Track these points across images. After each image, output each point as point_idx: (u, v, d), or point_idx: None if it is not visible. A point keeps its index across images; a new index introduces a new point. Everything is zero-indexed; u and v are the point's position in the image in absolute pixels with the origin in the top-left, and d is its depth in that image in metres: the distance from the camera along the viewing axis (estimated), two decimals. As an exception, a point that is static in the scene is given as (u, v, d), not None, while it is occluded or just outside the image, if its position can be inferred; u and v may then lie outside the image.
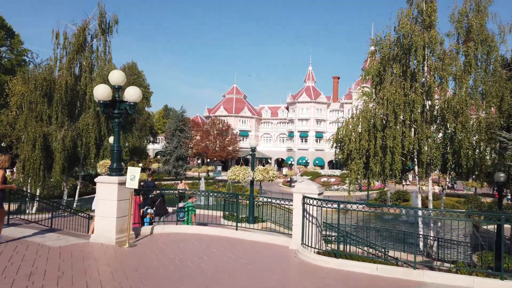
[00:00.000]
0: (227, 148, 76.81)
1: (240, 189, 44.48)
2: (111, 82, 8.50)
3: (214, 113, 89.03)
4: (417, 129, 15.64)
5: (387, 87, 15.34)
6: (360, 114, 15.94)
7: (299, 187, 8.68)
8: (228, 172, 15.86)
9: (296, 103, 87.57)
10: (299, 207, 8.59)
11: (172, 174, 55.35)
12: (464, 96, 14.46)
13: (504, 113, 14.83)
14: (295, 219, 8.70)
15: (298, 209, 8.62)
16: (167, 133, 58.15)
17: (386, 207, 8.10)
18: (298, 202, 8.60)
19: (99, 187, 8.36)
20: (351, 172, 16.09)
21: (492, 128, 14.09)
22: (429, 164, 15.35)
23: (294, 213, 8.73)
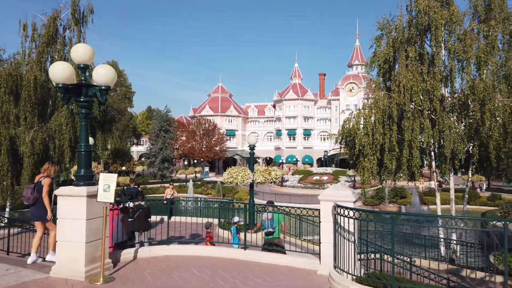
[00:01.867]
0: (214, 148, 74.47)
1: (230, 191, 42.33)
2: (74, 60, 6.33)
3: (199, 112, 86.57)
4: (436, 120, 13.83)
5: (403, 72, 13.47)
6: (373, 103, 14.03)
7: (329, 193, 6.65)
8: (224, 174, 13.76)
9: (283, 101, 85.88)
10: (328, 219, 6.58)
11: (158, 177, 52.79)
12: (491, 80, 12.69)
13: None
14: (323, 235, 6.67)
15: (327, 222, 6.60)
16: (152, 134, 55.53)
17: (444, 217, 6.06)
18: (328, 212, 6.59)
19: (62, 202, 6.18)
20: (364, 170, 14.17)
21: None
22: (451, 158, 13.58)
23: (322, 227, 6.71)
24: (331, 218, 6.54)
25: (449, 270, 12.83)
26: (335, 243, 6.39)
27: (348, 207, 6.13)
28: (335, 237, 6.39)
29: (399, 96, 13.33)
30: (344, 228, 6.25)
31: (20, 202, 29.18)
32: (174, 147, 60.66)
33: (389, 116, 13.82)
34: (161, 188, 46.09)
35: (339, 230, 6.31)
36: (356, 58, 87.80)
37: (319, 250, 6.91)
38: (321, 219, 6.68)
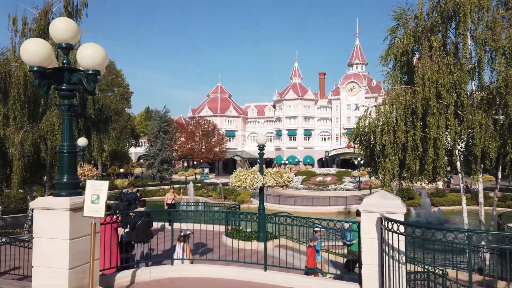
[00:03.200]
0: (213, 149, 73.18)
1: (232, 193, 41.03)
2: (54, 38, 5.08)
3: (198, 113, 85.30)
4: (464, 116, 12.58)
5: (428, 64, 12.21)
6: (394, 98, 12.75)
7: (372, 202, 5.36)
8: (231, 177, 12.47)
9: (283, 101, 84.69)
10: (372, 235, 5.31)
11: (157, 178, 51.44)
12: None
13: None
14: (366, 254, 5.39)
15: (370, 239, 5.32)
16: (150, 135, 54.17)
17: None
18: (371, 226, 5.32)
19: (38, 217, 4.91)
20: (386, 172, 12.89)
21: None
22: (481, 158, 12.33)
23: (363, 245, 5.42)
24: (375, 233, 5.26)
25: (482, 282, 11.55)
26: (381, 265, 5.12)
27: (399, 221, 4.86)
28: (382, 257, 5.11)
29: (424, 90, 12.08)
30: (393, 246, 4.97)
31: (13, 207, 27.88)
32: (173, 148, 59.34)
33: (412, 112, 12.55)
34: (160, 191, 44.74)
35: (386, 249, 5.04)
36: (356, 57, 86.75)
37: (358, 273, 5.64)
38: (362, 235, 5.40)
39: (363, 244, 5.39)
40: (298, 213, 32.27)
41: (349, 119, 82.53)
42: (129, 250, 10.26)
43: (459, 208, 38.01)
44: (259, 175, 12.15)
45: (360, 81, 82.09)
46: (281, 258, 9.31)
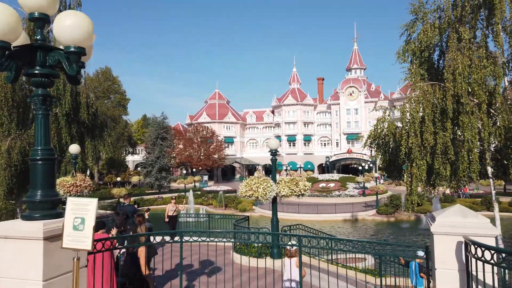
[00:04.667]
0: (212, 156, 71.79)
1: (233, 201, 39.60)
2: (24, 6, 3.77)
3: (196, 120, 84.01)
4: (499, 115, 11.36)
5: (459, 57, 10.99)
6: (421, 96, 11.50)
7: (451, 221, 4.04)
8: (241, 186, 11.12)
9: (282, 106, 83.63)
10: (451, 265, 3.98)
11: (155, 187, 49.93)
12: None
13: None
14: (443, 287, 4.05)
15: (449, 270, 3.99)
16: (148, 142, 52.75)
17: None
18: (449, 253, 3.99)
19: (1, 247, 3.56)
20: (413, 177, 11.60)
21: None
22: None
23: (438, 278, 4.08)
24: (456, 263, 3.94)
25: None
26: (467, 307, 3.80)
27: (499, 248, 3.54)
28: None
29: (455, 86, 10.86)
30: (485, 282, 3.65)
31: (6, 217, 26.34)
32: (171, 156, 57.91)
33: (441, 112, 11.33)
34: (159, 199, 43.27)
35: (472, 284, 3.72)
36: (354, 62, 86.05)
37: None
38: (437, 265, 4.07)
39: (437, 278, 4.06)
40: (303, 221, 30.86)
41: (349, 124, 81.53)
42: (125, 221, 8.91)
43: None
44: (273, 184, 10.83)
45: (360, 85, 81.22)
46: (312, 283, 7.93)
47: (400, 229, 30.11)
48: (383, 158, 14.31)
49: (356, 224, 32.28)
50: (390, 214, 34.52)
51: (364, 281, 7.22)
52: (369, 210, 35.93)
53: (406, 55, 14.41)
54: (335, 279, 9.33)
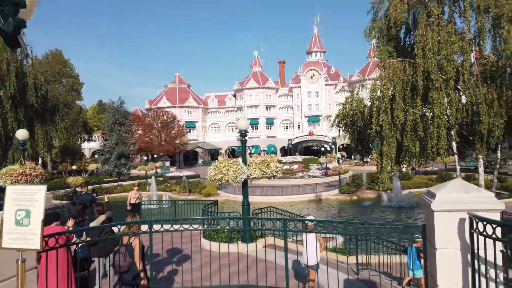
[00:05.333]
0: (174, 141, 70.06)
1: (197, 186, 38.80)
2: None
3: (156, 104, 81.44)
4: (466, 91, 11.44)
5: (429, 33, 10.86)
6: (391, 72, 11.32)
7: (454, 197, 3.70)
8: (210, 169, 10.53)
9: (244, 90, 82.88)
10: (453, 245, 3.66)
11: (114, 174, 47.99)
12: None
13: None
14: (445, 272, 3.73)
15: (452, 249, 3.68)
16: (105, 128, 50.33)
17: None
18: (452, 232, 3.67)
19: None
20: (383, 156, 11.50)
21: None
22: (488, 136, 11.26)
23: (439, 259, 3.76)
24: (459, 242, 3.62)
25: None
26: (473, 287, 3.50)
27: (506, 223, 3.24)
28: (473, 276, 3.48)
29: (426, 62, 10.76)
30: (489, 260, 3.36)
31: None
32: (131, 142, 55.80)
33: (412, 88, 11.24)
34: (118, 187, 41.59)
35: (478, 264, 3.42)
36: (315, 45, 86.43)
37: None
38: (438, 245, 3.74)
39: (438, 259, 3.73)
40: (269, 203, 30.74)
41: (310, 107, 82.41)
42: (86, 267, 8.07)
43: (420, 190, 38.47)
44: (243, 166, 10.32)
45: (320, 68, 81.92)
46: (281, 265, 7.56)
47: (363, 207, 30.80)
48: (352, 137, 14.20)
49: (320, 204, 32.68)
50: (352, 193, 35.24)
51: (336, 260, 7.07)
52: (332, 190, 36.51)
53: (373, 33, 14.20)
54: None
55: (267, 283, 6.65)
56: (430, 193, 3.97)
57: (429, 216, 3.90)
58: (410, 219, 26.17)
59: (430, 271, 3.90)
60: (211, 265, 7.67)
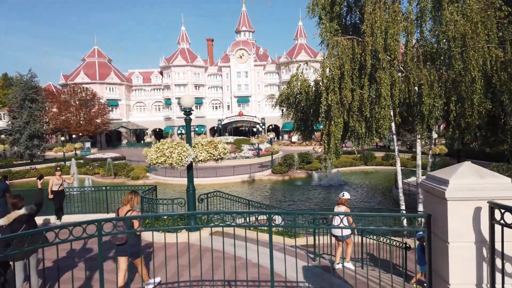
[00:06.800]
0: (94, 120, 65.04)
1: (123, 169, 36.43)
2: None
3: (72, 80, 74.48)
4: (409, 71, 11.58)
5: (377, 11, 10.68)
6: (340, 50, 11.00)
7: (469, 183, 3.28)
8: (150, 151, 9.35)
9: (171, 67, 79.35)
10: (469, 238, 3.28)
11: (26, 157, 43.10)
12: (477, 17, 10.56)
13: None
14: (458, 271, 3.33)
15: (466, 242, 3.29)
16: (13, 105, 44.65)
17: None
18: (466, 223, 3.27)
19: None
20: (331, 137, 11.28)
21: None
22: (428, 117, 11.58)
23: (452, 255, 3.34)
24: (474, 235, 3.24)
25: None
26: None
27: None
28: (492, 272, 3.12)
29: (375, 41, 10.61)
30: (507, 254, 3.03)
31: None
32: (44, 121, 50.37)
33: (360, 67, 11.07)
34: (32, 171, 37.48)
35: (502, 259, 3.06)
36: (243, 24, 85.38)
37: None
38: (451, 238, 3.31)
39: (451, 255, 3.32)
40: (203, 185, 29.94)
41: (240, 87, 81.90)
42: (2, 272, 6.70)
43: (353, 169, 40.51)
44: (189, 148, 9.34)
45: (249, 48, 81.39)
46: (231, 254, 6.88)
47: (295, 186, 31.41)
48: (295, 117, 13.86)
49: (254, 185, 32.67)
50: (284, 173, 35.79)
51: (283, 244, 6.69)
52: (265, 170, 36.72)
53: (316, 9, 13.79)
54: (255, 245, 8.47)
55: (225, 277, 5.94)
56: (437, 178, 3.54)
57: (437, 205, 3.47)
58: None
59: (436, 269, 3.51)
60: (153, 259, 6.79)
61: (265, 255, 7.42)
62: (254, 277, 6.44)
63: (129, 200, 6.62)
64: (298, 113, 13.67)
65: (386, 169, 38.95)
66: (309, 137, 13.90)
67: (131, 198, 6.62)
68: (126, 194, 6.83)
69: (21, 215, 6.42)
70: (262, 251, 6.82)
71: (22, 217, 6.41)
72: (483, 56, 10.63)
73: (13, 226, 6.37)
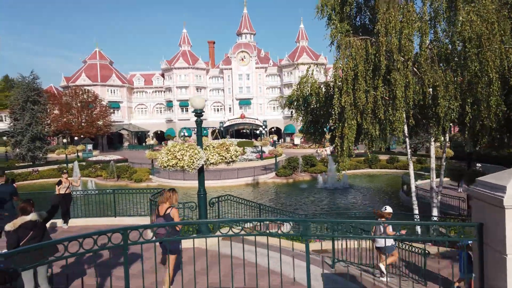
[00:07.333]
0: (96, 122, 64.81)
1: (126, 171, 36.16)
2: None
3: (74, 82, 74.31)
4: (423, 73, 11.34)
5: (391, 11, 10.46)
6: (354, 51, 10.77)
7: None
8: (161, 154, 9.11)
9: (172, 69, 79.15)
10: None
11: (28, 159, 42.86)
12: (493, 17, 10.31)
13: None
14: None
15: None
16: (15, 106, 44.42)
17: None
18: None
19: None
20: (344, 139, 11.03)
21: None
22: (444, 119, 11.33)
23: (511, 263, 3.09)
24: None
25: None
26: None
27: None
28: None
29: (390, 41, 10.40)
30: None
31: None
32: (46, 123, 50.15)
33: (374, 69, 10.84)
34: (34, 173, 37.24)
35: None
36: (245, 27, 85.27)
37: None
38: (508, 250, 3.06)
39: (509, 268, 3.06)
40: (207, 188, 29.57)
41: (241, 89, 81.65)
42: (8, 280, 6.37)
43: (358, 172, 40.20)
44: (201, 150, 9.10)
45: (251, 50, 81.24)
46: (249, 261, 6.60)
47: (300, 189, 31.13)
48: (305, 119, 13.61)
49: (258, 188, 32.42)
50: (288, 176, 35.52)
51: (292, 248, 6.47)
52: (269, 173, 36.45)
53: (326, 9, 13.58)
54: (269, 251, 8.13)
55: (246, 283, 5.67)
56: (490, 184, 3.29)
57: (491, 213, 3.23)
58: (347, 200, 26.98)
59: (491, 282, 3.26)
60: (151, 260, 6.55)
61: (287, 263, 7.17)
62: (276, 285, 6.17)
63: (168, 198, 6.82)
64: (308, 115, 13.44)
65: (391, 172, 38.65)
66: (319, 139, 13.66)
67: (169, 196, 6.84)
68: (164, 192, 7.02)
69: (27, 221, 6.17)
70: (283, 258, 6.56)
71: (28, 224, 6.15)
72: (499, 57, 10.43)
73: (19, 232, 6.13)
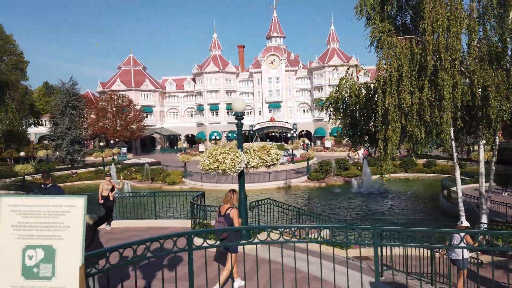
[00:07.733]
0: (130, 126, 66.55)
1: (160, 174, 36.80)
2: None
3: (109, 87, 76.70)
4: (472, 72, 10.84)
5: (438, 8, 10.06)
6: (398, 51, 10.42)
7: None
8: (203, 157, 9.14)
9: (203, 74, 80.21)
10: None
11: (67, 162, 44.49)
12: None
13: None
14: None
15: None
16: (55, 111, 46.27)
17: None
18: None
19: None
20: (387, 142, 10.71)
21: None
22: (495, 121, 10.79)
23: None
24: None
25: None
26: None
27: None
28: None
29: (436, 40, 10.00)
30: None
31: None
32: (83, 127, 52.00)
33: (419, 69, 10.46)
34: (73, 175, 38.61)
35: None
36: (274, 30, 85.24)
37: None
38: None
39: None
40: (239, 191, 29.66)
41: (271, 93, 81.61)
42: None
43: (393, 176, 38.99)
44: (242, 154, 9.05)
45: (280, 54, 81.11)
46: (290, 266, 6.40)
47: (333, 193, 30.60)
48: (343, 121, 13.32)
49: (291, 191, 32.16)
50: (321, 180, 35.02)
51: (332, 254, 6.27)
52: (301, 176, 36.10)
53: (364, 9, 13.24)
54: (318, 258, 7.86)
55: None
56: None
57: None
58: (384, 205, 26.27)
59: None
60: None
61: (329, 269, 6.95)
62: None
63: (229, 199, 7.00)
64: (347, 118, 13.15)
65: (428, 176, 37.35)
66: (358, 142, 13.33)
67: (230, 197, 7.03)
68: (227, 194, 7.18)
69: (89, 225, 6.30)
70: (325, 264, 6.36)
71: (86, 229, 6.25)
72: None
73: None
